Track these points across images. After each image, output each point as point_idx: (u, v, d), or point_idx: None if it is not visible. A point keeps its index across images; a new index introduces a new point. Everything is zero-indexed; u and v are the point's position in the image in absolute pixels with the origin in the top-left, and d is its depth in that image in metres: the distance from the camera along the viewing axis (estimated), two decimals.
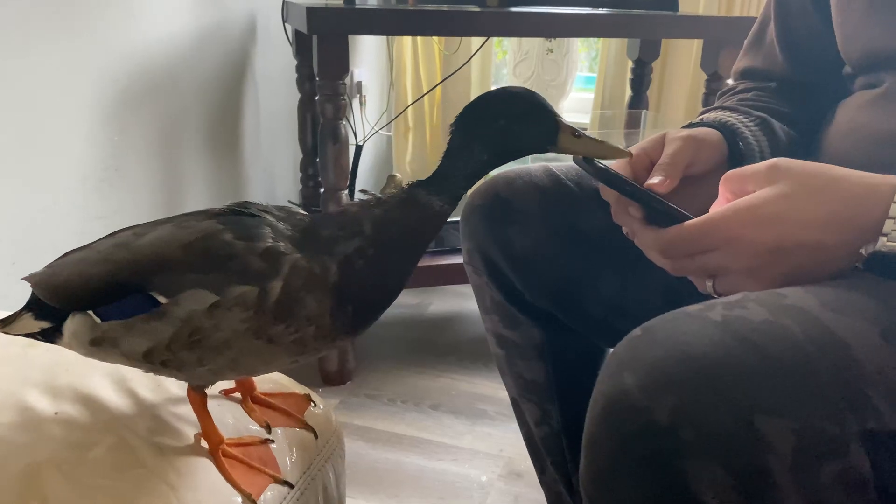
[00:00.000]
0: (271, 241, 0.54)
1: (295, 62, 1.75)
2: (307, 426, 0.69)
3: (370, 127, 2.11)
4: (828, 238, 0.48)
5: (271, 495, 0.61)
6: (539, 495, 0.95)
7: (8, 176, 1.08)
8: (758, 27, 0.82)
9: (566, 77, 2.36)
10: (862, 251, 0.47)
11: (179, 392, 0.67)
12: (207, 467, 0.60)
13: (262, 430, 0.66)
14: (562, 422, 0.85)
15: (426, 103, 2.28)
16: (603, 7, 1.57)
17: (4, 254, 1.10)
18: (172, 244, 0.55)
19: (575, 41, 2.35)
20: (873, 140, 0.63)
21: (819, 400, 0.39)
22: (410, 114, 2.28)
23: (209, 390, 0.62)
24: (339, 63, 1.34)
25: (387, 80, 2.26)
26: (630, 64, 1.96)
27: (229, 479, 0.59)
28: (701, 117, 0.74)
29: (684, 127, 0.71)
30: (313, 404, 0.73)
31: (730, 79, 1.58)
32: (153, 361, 0.56)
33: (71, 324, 0.58)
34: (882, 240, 0.46)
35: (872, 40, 0.64)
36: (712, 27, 1.55)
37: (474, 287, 0.86)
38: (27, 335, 0.62)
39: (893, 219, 0.46)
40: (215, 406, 0.66)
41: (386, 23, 1.38)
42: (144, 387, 0.67)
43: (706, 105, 1.60)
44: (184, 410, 0.65)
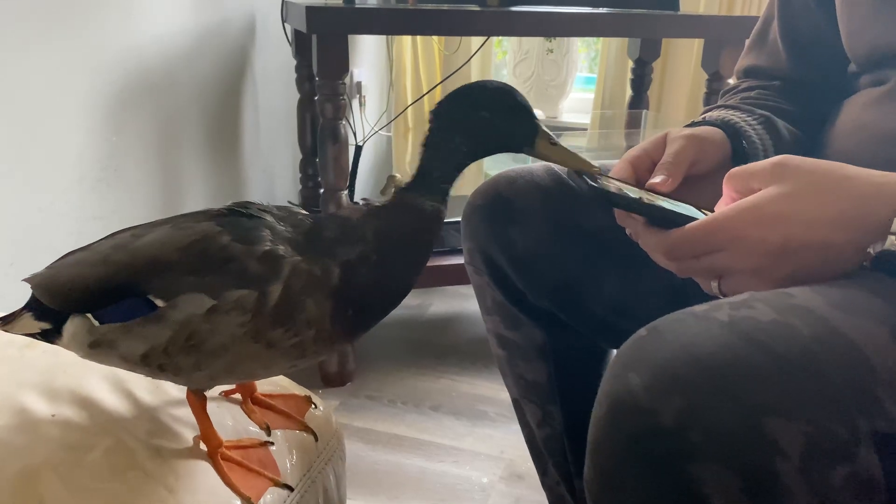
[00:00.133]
0: (270, 244, 0.53)
1: (294, 62, 1.75)
2: (307, 428, 0.69)
3: (370, 127, 2.11)
4: (835, 237, 0.47)
5: (271, 498, 0.60)
6: (540, 497, 0.94)
7: (5, 176, 1.08)
8: (761, 25, 0.81)
9: (566, 77, 2.36)
10: (870, 250, 0.47)
11: (178, 394, 0.67)
12: (206, 470, 0.60)
13: (262, 433, 0.66)
14: (564, 423, 0.85)
15: (426, 103, 2.27)
16: (603, 6, 1.57)
17: (2, 254, 1.09)
18: (170, 246, 0.54)
19: (575, 41, 2.35)
20: (879, 138, 0.62)
21: (829, 402, 0.38)
22: (410, 114, 2.28)
23: (209, 392, 0.61)
24: (339, 63, 1.33)
25: (386, 81, 2.26)
26: (630, 64, 1.96)
27: (228, 483, 0.59)
28: (704, 116, 0.73)
29: (687, 126, 0.70)
30: (314, 406, 0.72)
31: (731, 78, 1.58)
32: (150, 365, 0.56)
33: (70, 326, 0.58)
34: (890, 238, 0.45)
35: (878, 37, 0.64)
36: (713, 26, 1.54)
37: (475, 287, 0.86)
38: (27, 335, 0.61)
39: None
40: (215, 408, 0.65)
41: (386, 22, 1.37)
42: (143, 389, 0.67)
43: (707, 105, 1.59)
44: (182, 413, 0.65)
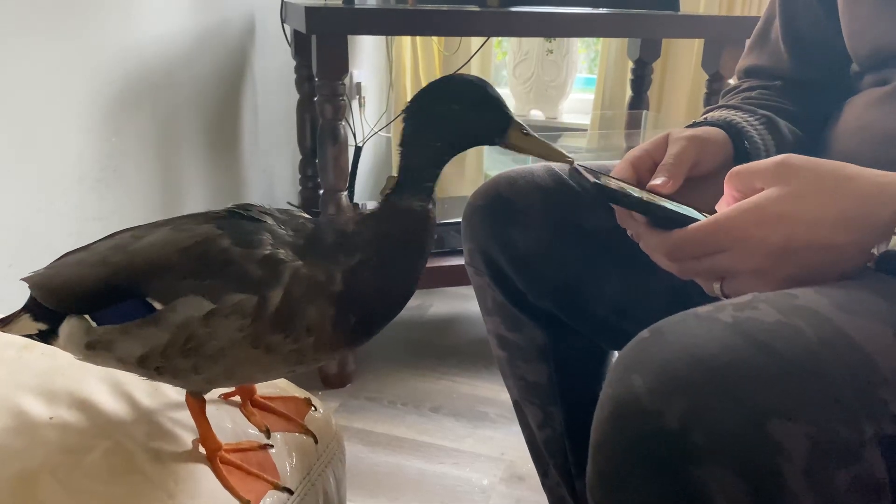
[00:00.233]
0: (270, 248, 0.53)
1: (294, 63, 1.74)
2: (307, 431, 0.68)
3: (369, 128, 2.11)
4: (838, 238, 0.47)
5: (270, 501, 0.60)
6: (541, 499, 0.94)
7: (5, 177, 1.07)
8: (762, 25, 0.81)
9: (566, 78, 2.35)
10: (873, 251, 0.46)
11: (177, 397, 0.66)
12: (205, 473, 0.59)
13: (262, 435, 0.65)
14: (564, 424, 0.84)
15: None
16: (603, 7, 1.56)
17: (1, 255, 1.09)
18: (170, 249, 0.54)
19: (575, 42, 2.34)
20: (882, 138, 0.62)
21: (834, 403, 0.38)
22: None
23: (208, 395, 0.61)
24: (339, 63, 1.33)
25: (386, 81, 2.26)
26: (630, 64, 1.95)
27: (227, 486, 0.59)
28: (705, 116, 0.73)
29: (688, 126, 0.70)
30: (313, 408, 0.72)
31: (732, 78, 1.57)
32: (148, 367, 0.55)
33: (66, 327, 0.57)
34: (894, 239, 0.45)
35: (881, 37, 0.63)
36: (713, 26, 1.54)
37: (476, 288, 0.85)
38: (25, 336, 0.61)
39: None
40: (214, 410, 0.65)
41: (385, 23, 1.37)
42: (141, 391, 0.66)
43: (707, 105, 1.59)
44: (181, 415, 0.64)
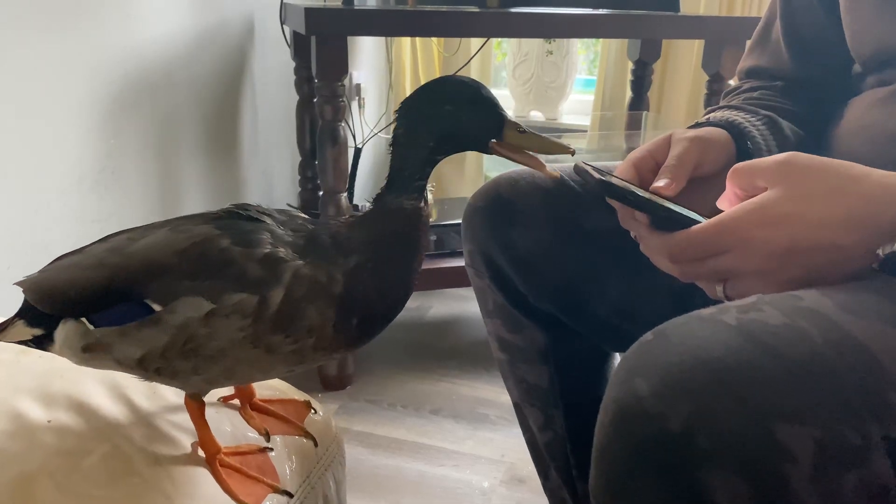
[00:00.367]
0: (270, 248, 0.53)
1: (293, 64, 1.74)
2: (307, 434, 0.68)
3: (369, 129, 2.10)
4: (843, 239, 0.47)
5: None
6: (542, 501, 0.94)
7: (2, 178, 1.07)
8: (763, 25, 0.80)
9: (566, 79, 2.35)
10: (878, 252, 0.46)
11: (176, 399, 0.66)
12: (204, 477, 0.59)
13: (261, 438, 0.65)
14: (566, 427, 0.84)
15: None
16: (603, 7, 1.56)
17: None
18: (167, 250, 0.53)
19: (575, 43, 2.34)
20: (884, 138, 0.62)
21: (840, 406, 0.37)
22: None
23: (207, 397, 0.61)
24: (338, 64, 1.33)
25: (386, 83, 2.25)
26: (630, 65, 1.95)
27: (227, 490, 0.58)
28: (707, 117, 0.72)
29: (690, 127, 0.69)
30: (313, 411, 0.71)
31: (732, 79, 1.57)
32: (147, 369, 0.55)
33: (62, 330, 0.57)
34: None
35: (883, 37, 0.63)
36: (714, 27, 1.54)
37: (476, 290, 0.85)
38: (19, 342, 0.60)
39: None
40: (213, 413, 0.64)
41: (385, 23, 1.37)
42: (140, 394, 0.66)
43: (708, 106, 1.59)
44: (180, 418, 0.64)
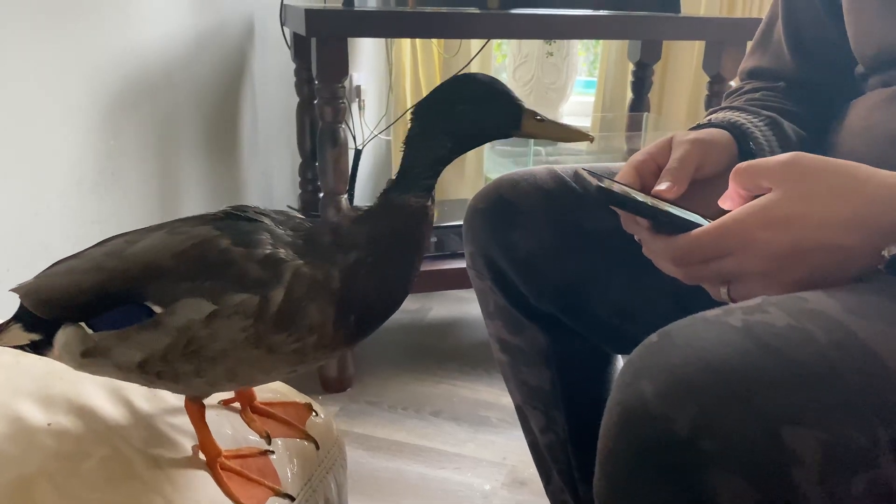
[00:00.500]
0: (270, 248, 0.53)
1: (293, 65, 1.74)
2: (308, 436, 0.68)
3: (369, 131, 2.10)
4: (848, 240, 0.46)
5: None
6: None
7: (2, 179, 1.07)
8: (764, 26, 0.80)
9: (566, 80, 2.35)
10: (884, 253, 0.46)
11: (176, 402, 0.66)
12: (205, 480, 0.58)
13: (262, 441, 0.65)
14: (568, 429, 0.84)
15: None
16: (604, 9, 1.56)
17: None
18: (167, 251, 0.53)
19: (575, 44, 2.34)
20: (888, 139, 0.61)
21: (847, 409, 0.37)
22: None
23: (208, 400, 0.60)
24: (339, 66, 1.32)
25: (386, 84, 2.25)
26: (631, 66, 1.95)
27: (228, 493, 0.58)
28: (708, 118, 0.72)
29: (692, 128, 0.69)
30: (314, 413, 0.71)
31: (733, 80, 1.57)
32: (148, 372, 0.55)
33: (62, 335, 0.56)
34: None
35: (886, 38, 0.63)
36: (714, 28, 1.54)
37: (477, 292, 0.84)
38: (16, 347, 0.60)
39: None
40: (214, 416, 0.64)
41: (385, 25, 1.37)
42: (140, 396, 0.66)
43: (708, 107, 1.59)
44: (180, 421, 0.63)
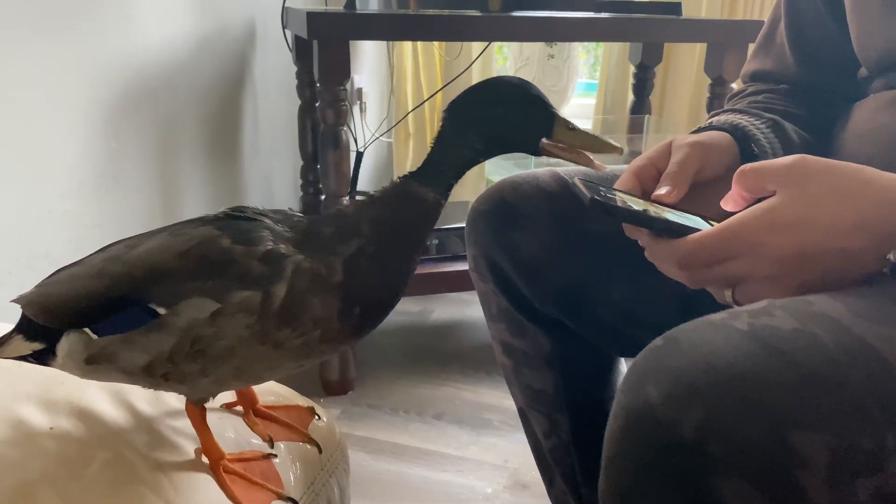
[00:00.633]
0: (271, 244, 0.53)
1: (295, 68, 1.74)
2: (311, 440, 0.67)
3: (371, 133, 2.10)
4: (853, 243, 0.46)
5: None
6: None
7: (2, 183, 1.07)
8: (767, 28, 0.80)
9: (567, 82, 2.35)
10: (889, 256, 0.46)
11: (178, 405, 0.65)
12: (208, 483, 0.58)
13: (265, 445, 0.64)
14: (571, 432, 0.83)
15: (427, 110, 2.27)
16: (605, 11, 1.56)
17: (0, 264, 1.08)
18: (168, 253, 0.53)
19: (576, 47, 2.34)
20: (892, 141, 0.61)
21: (854, 413, 0.37)
22: (411, 120, 2.27)
23: (210, 404, 0.60)
24: (340, 68, 1.33)
25: (387, 87, 2.25)
26: (632, 68, 1.95)
27: (230, 496, 0.58)
28: (710, 121, 0.72)
29: (693, 131, 0.69)
30: (317, 417, 0.71)
31: (734, 82, 1.57)
32: (154, 375, 0.54)
33: (66, 342, 0.56)
34: None
35: (889, 40, 0.63)
36: (716, 30, 1.54)
37: (480, 294, 0.84)
38: (18, 358, 0.59)
39: None
40: (216, 420, 0.64)
41: (387, 28, 1.37)
42: (142, 400, 0.65)
43: (710, 109, 1.59)
44: (183, 424, 0.63)
